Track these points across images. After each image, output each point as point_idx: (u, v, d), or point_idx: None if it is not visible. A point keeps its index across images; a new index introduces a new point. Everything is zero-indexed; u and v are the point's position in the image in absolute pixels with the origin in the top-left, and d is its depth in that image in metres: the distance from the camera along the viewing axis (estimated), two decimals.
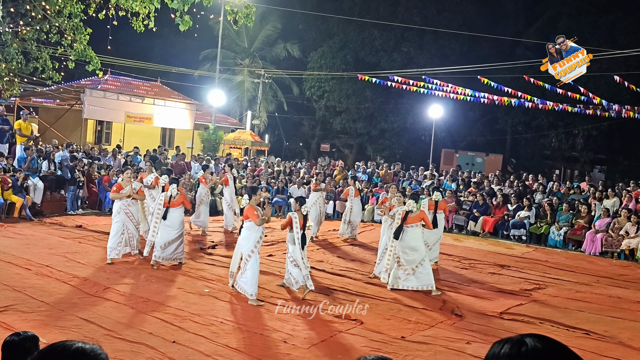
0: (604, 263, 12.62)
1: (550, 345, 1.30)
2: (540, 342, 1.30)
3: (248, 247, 7.85)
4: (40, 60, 15.56)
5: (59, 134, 20.80)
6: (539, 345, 1.29)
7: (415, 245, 8.84)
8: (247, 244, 7.87)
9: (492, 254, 12.86)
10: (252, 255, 7.80)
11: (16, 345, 3.01)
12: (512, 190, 16.89)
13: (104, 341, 5.78)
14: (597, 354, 6.41)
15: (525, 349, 1.29)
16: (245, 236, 7.92)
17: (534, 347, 1.29)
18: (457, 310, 7.83)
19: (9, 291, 7.27)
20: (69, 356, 1.45)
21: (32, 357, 1.52)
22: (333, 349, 6.04)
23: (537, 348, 1.28)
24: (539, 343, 1.29)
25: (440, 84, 18.58)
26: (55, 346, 1.50)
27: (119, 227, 9.53)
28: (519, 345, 1.30)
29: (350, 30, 30.00)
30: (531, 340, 1.30)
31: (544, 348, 1.29)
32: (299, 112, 35.61)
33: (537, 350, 1.28)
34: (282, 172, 19.53)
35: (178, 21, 11.07)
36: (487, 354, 1.35)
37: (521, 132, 29.46)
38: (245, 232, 7.92)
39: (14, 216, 12.85)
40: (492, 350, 1.34)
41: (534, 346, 1.29)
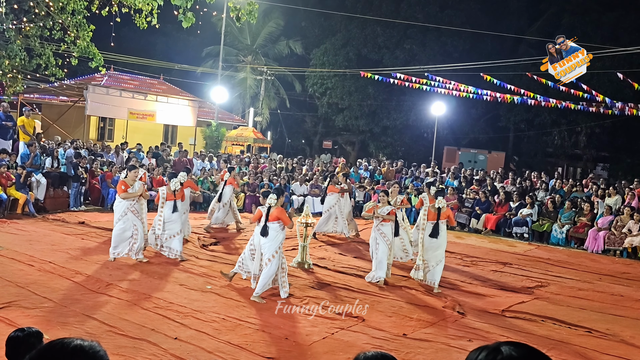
0: (607, 261, 12.61)
1: (526, 352, 1.30)
2: (516, 350, 1.30)
3: (273, 248, 7.78)
4: (44, 57, 15.57)
5: (62, 130, 20.84)
6: (514, 353, 1.29)
7: (442, 241, 9.09)
8: (273, 245, 7.80)
9: (494, 251, 12.85)
10: (276, 256, 7.78)
11: (20, 340, 3.03)
12: (514, 188, 16.88)
13: (106, 337, 5.80)
14: (599, 352, 6.41)
15: (500, 357, 1.29)
16: (272, 237, 7.82)
17: (509, 355, 1.29)
18: (459, 308, 7.83)
19: (12, 287, 7.31)
20: (67, 353, 1.46)
21: (31, 355, 1.52)
22: (334, 346, 6.06)
23: (512, 356, 1.28)
24: (514, 351, 1.29)
25: (442, 81, 18.55)
26: (54, 343, 1.51)
27: (124, 226, 9.30)
28: (495, 353, 1.30)
29: (353, 27, 29.96)
30: (507, 347, 1.30)
31: (519, 356, 1.29)
32: (302, 109, 35.60)
33: (512, 358, 1.28)
34: (284, 169, 19.54)
35: (181, 18, 11.09)
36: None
37: (524, 129, 29.42)
38: (272, 234, 7.82)
39: (17, 212, 12.88)
40: (469, 358, 1.34)
41: (510, 354, 1.29)
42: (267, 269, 7.69)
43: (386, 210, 9.18)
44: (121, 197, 9.30)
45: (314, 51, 31.34)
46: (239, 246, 11.28)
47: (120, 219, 9.35)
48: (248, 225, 12.70)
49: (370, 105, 30.14)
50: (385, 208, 9.23)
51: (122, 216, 9.33)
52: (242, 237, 12.36)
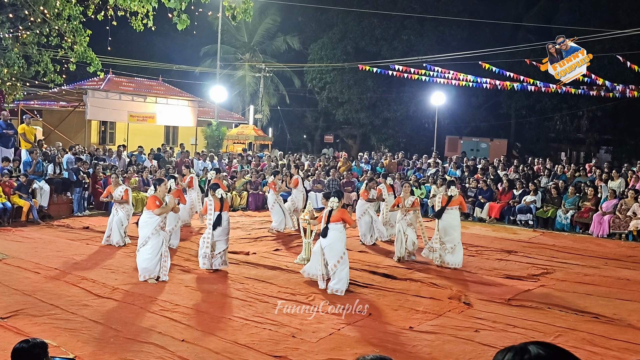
0: (612, 245, 12.58)
1: (554, 352, 1.29)
2: (543, 349, 1.29)
3: (341, 249, 7.99)
4: (42, 64, 15.61)
5: (63, 136, 20.88)
6: (542, 352, 1.28)
7: (455, 224, 9.94)
8: (340, 245, 8.00)
9: (499, 239, 12.84)
10: (344, 256, 8.05)
11: (25, 352, 3.06)
12: (517, 175, 16.84)
13: (113, 342, 5.83)
14: (607, 337, 6.40)
15: (528, 356, 1.28)
16: (336, 238, 7.98)
17: (537, 354, 1.28)
18: (464, 298, 7.83)
19: (19, 295, 7.34)
20: None
21: None
22: (341, 342, 6.07)
23: (541, 355, 1.28)
24: (542, 350, 1.29)
25: (441, 71, 18.49)
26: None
27: (153, 247, 8.37)
28: (522, 353, 1.29)
29: (350, 20, 29.86)
30: (534, 347, 1.30)
31: (547, 355, 1.28)
32: (302, 105, 35.56)
33: (540, 357, 1.27)
34: (286, 166, 19.54)
35: (176, 20, 11.07)
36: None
37: (525, 115, 29.32)
38: (335, 234, 7.98)
39: (22, 220, 12.94)
40: (496, 359, 1.34)
41: (537, 353, 1.28)
42: (341, 270, 7.96)
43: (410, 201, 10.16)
44: (156, 213, 8.41)
45: (312, 46, 31.27)
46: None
47: (149, 239, 8.40)
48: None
49: (370, 98, 30.09)
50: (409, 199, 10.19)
51: (152, 234, 8.40)
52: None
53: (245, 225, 13.87)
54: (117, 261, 9.56)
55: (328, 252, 8.02)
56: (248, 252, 10.60)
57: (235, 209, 16.06)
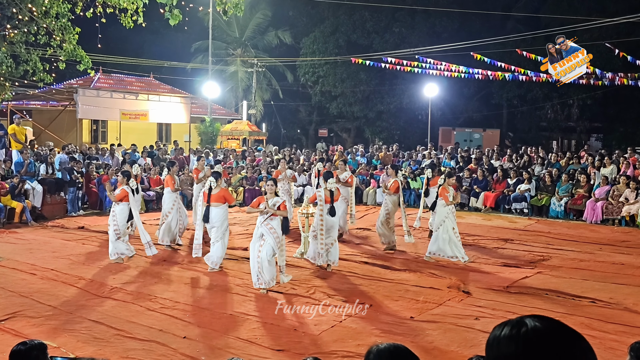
0: (606, 231, 12.68)
1: (550, 324, 1.31)
2: (540, 321, 1.31)
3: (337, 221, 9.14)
4: (30, 63, 15.43)
5: (54, 135, 20.73)
6: (539, 324, 1.31)
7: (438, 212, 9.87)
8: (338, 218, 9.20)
9: (495, 228, 12.90)
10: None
11: (23, 354, 3.03)
12: (511, 165, 16.91)
13: (114, 341, 5.81)
14: (604, 321, 6.46)
15: (525, 329, 1.30)
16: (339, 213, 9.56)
17: (534, 326, 1.30)
18: (463, 287, 7.87)
19: (16, 297, 7.30)
20: None
21: None
22: (344, 334, 6.08)
23: (537, 327, 1.30)
24: (538, 322, 1.31)
25: (433, 62, 18.51)
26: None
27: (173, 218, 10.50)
28: (519, 326, 1.31)
29: (341, 14, 29.80)
30: (531, 320, 1.32)
31: (544, 327, 1.30)
32: (295, 99, 35.49)
33: (537, 329, 1.30)
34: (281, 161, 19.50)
35: (167, 16, 11.00)
36: (489, 338, 1.36)
37: (517, 105, 29.45)
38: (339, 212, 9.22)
39: (15, 222, 12.84)
40: (493, 334, 1.35)
41: (534, 326, 1.30)
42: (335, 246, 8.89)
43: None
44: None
45: (304, 40, 31.18)
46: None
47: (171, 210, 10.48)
48: None
49: (364, 91, 30.07)
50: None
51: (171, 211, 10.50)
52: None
53: (242, 221, 13.84)
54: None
55: (330, 230, 8.66)
56: (246, 247, 10.58)
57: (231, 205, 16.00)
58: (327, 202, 8.88)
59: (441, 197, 9.48)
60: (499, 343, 1.33)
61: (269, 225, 7.78)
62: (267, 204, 7.85)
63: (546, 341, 1.28)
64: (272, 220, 7.80)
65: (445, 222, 9.41)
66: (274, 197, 7.97)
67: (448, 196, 9.40)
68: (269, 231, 7.75)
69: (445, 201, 9.41)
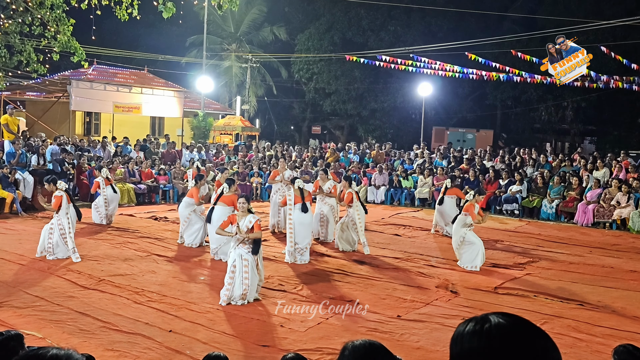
0: (597, 234, 12.74)
1: (514, 321, 1.32)
2: (503, 318, 1.33)
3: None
4: (24, 54, 15.31)
5: (47, 127, 20.61)
6: (502, 321, 1.32)
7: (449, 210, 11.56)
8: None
9: (485, 229, 12.89)
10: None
11: (0, 345, 2.99)
12: (503, 166, 16.94)
13: (100, 333, 5.78)
14: (592, 324, 6.48)
15: (488, 325, 1.31)
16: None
17: (498, 323, 1.31)
18: (452, 287, 7.88)
19: (3, 287, 7.25)
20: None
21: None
22: (330, 331, 6.08)
23: (501, 324, 1.31)
24: (502, 319, 1.32)
25: (428, 61, 18.51)
26: (30, 355, 1.48)
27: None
28: (483, 322, 1.33)
29: (337, 11, 29.75)
30: (495, 316, 1.33)
31: (507, 323, 1.31)
32: (289, 96, 35.43)
33: (500, 326, 1.31)
34: (273, 157, 19.48)
35: (161, 8, 10.95)
36: (453, 334, 1.37)
37: (511, 106, 29.51)
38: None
39: (5, 212, 12.77)
40: (458, 330, 1.36)
41: (498, 322, 1.31)
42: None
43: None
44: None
45: (299, 36, 31.12)
46: None
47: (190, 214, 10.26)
48: None
49: (357, 89, 30.05)
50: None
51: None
52: None
53: None
54: (103, 252, 9.46)
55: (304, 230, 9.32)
56: None
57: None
58: (297, 201, 9.28)
59: (465, 213, 9.09)
60: (462, 339, 1.34)
61: (244, 246, 6.98)
62: (238, 226, 6.96)
63: (509, 337, 1.29)
64: (244, 245, 6.99)
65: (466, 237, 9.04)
66: (247, 214, 7.10)
67: (475, 213, 9.05)
68: (247, 252, 6.95)
69: (472, 218, 9.00)
